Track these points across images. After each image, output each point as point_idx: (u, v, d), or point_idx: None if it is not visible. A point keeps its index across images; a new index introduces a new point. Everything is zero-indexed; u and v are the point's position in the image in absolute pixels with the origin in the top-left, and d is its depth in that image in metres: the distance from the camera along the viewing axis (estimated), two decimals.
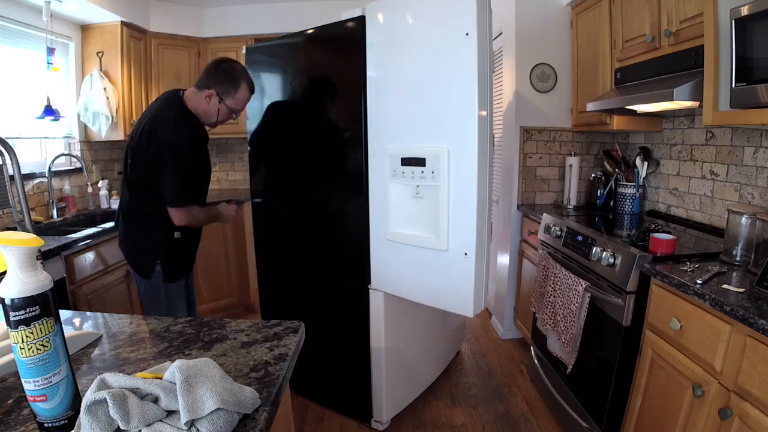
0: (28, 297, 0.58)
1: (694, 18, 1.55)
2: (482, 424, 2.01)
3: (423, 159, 1.54)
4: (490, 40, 1.45)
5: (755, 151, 1.67)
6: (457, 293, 1.56)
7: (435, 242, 1.57)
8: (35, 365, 0.60)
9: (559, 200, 2.74)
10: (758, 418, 1.02)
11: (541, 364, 2.20)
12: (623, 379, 1.55)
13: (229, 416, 0.60)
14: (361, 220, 1.78)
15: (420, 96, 1.54)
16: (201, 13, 3.22)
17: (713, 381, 1.17)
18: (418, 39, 1.51)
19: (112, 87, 2.79)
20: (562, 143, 2.69)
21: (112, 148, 3.16)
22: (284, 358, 0.83)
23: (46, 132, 2.59)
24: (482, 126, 1.44)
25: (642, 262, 1.47)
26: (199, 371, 0.62)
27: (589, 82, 2.33)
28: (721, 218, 1.80)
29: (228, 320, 1.01)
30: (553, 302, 1.90)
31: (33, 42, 2.45)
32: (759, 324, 1.01)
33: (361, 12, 1.64)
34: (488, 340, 2.85)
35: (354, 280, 1.88)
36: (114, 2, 2.65)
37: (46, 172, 2.45)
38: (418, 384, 2.21)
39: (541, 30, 2.55)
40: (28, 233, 0.63)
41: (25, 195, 1.71)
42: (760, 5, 1.19)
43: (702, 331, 1.22)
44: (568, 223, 2.02)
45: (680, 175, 2.11)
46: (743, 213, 1.40)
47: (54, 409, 0.62)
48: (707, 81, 1.43)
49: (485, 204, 1.52)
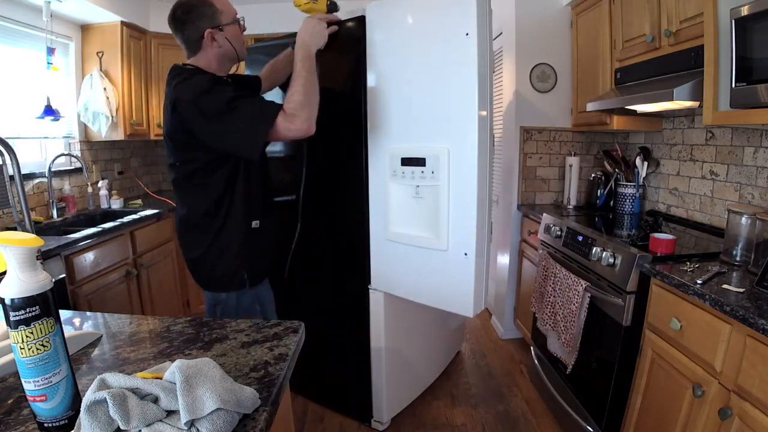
0: (28, 297, 0.58)
1: (694, 18, 1.55)
2: (482, 424, 2.01)
3: (423, 159, 1.54)
4: (490, 40, 1.45)
5: (755, 151, 1.67)
6: (457, 293, 1.56)
7: (435, 242, 1.57)
8: (35, 365, 0.60)
9: (559, 200, 2.74)
10: (758, 418, 1.02)
11: (541, 364, 2.20)
12: (623, 379, 1.55)
13: (229, 416, 0.60)
14: (361, 220, 1.78)
15: (420, 96, 1.53)
16: None
17: (713, 381, 1.17)
18: (418, 39, 1.51)
19: (112, 87, 2.79)
20: (562, 143, 2.69)
21: (112, 148, 3.16)
22: (284, 358, 0.83)
23: (46, 132, 2.59)
24: (482, 126, 1.44)
25: (642, 262, 1.47)
26: (199, 371, 0.62)
27: (589, 82, 2.33)
28: (721, 218, 1.80)
29: (228, 320, 1.01)
30: (553, 302, 1.90)
31: (33, 42, 2.45)
32: (759, 324, 1.01)
33: (361, 12, 1.64)
34: (488, 340, 2.85)
35: (354, 280, 1.88)
36: (114, 2, 2.65)
37: (46, 172, 2.45)
38: (418, 384, 2.21)
39: (541, 30, 2.55)
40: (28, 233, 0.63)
41: (25, 195, 1.71)
42: (760, 5, 1.19)
43: (702, 331, 1.22)
44: (568, 223, 2.02)
45: (680, 175, 2.11)
46: (743, 213, 1.40)
47: (54, 409, 0.62)
48: (707, 81, 1.43)
49: (485, 204, 1.52)
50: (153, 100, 3.09)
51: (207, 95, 1.24)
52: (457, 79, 1.44)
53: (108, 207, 2.86)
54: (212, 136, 1.26)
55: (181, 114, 1.26)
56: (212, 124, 1.24)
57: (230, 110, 1.23)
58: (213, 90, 1.25)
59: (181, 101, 1.25)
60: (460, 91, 1.44)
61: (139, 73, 2.96)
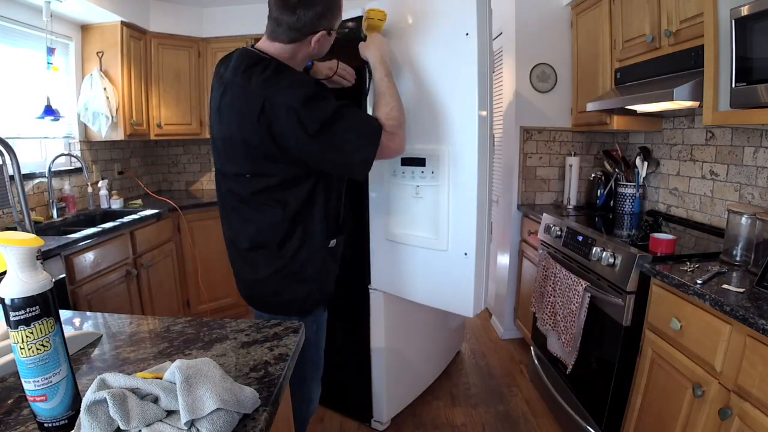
0: (28, 297, 0.58)
1: (694, 18, 1.55)
2: (482, 424, 2.01)
3: (423, 159, 1.54)
4: (490, 40, 1.45)
5: (755, 151, 1.67)
6: (457, 293, 1.56)
7: (435, 242, 1.57)
8: (35, 365, 0.60)
9: (559, 200, 2.74)
10: (758, 418, 1.02)
11: (541, 364, 2.20)
12: (623, 379, 1.55)
13: (229, 416, 0.60)
14: (361, 220, 1.78)
15: (420, 96, 1.53)
16: (201, 13, 3.22)
17: (713, 381, 1.17)
18: (417, 39, 1.51)
19: (112, 87, 2.79)
20: (562, 143, 2.69)
21: (112, 148, 3.16)
22: (284, 358, 0.83)
23: (46, 132, 2.59)
24: (482, 126, 1.44)
25: (642, 262, 1.47)
26: (199, 371, 0.62)
27: (589, 82, 2.33)
28: (721, 218, 1.80)
29: (228, 320, 1.00)
30: (553, 302, 1.90)
31: (33, 42, 2.45)
32: (759, 324, 1.01)
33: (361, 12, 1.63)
34: (488, 340, 2.85)
35: (354, 280, 1.88)
36: (114, 2, 2.65)
37: (46, 172, 2.44)
38: (418, 384, 2.21)
39: (541, 30, 2.55)
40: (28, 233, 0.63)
41: (25, 195, 1.71)
42: (760, 5, 1.19)
43: (702, 331, 1.22)
44: (568, 223, 2.02)
45: (680, 175, 2.11)
46: (743, 213, 1.41)
47: (54, 409, 0.62)
48: (707, 81, 1.43)
49: (485, 204, 1.52)
50: (153, 100, 3.09)
51: (314, 102, 1.05)
52: (457, 79, 1.44)
53: (108, 207, 2.86)
54: (315, 152, 1.09)
55: (277, 119, 1.04)
56: (317, 138, 1.06)
57: (336, 123, 1.07)
58: (320, 96, 1.07)
59: (279, 105, 1.04)
60: (460, 91, 1.44)
61: (139, 73, 2.96)
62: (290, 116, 1.04)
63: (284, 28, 1.11)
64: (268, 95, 1.05)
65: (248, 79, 1.08)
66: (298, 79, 1.11)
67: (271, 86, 1.05)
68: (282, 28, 1.11)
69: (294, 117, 1.04)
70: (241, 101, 1.08)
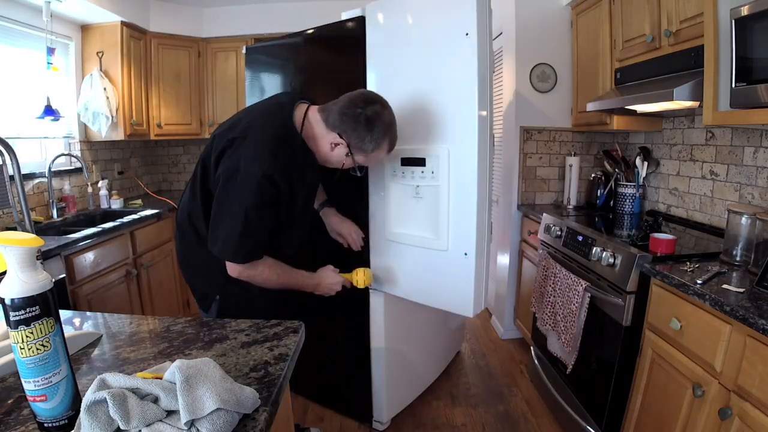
0: (28, 297, 0.58)
1: (694, 18, 1.55)
2: (482, 424, 2.01)
3: (423, 159, 1.54)
4: (490, 40, 1.45)
5: (755, 151, 1.67)
6: (457, 293, 1.56)
7: (435, 242, 1.57)
8: (35, 365, 0.60)
9: (559, 200, 2.74)
10: (758, 418, 1.02)
11: (541, 364, 2.20)
12: (623, 379, 1.55)
13: (229, 416, 0.60)
14: (361, 220, 1.78)
15: (420, 96, 1.53)
16: (201, 13, 3.22)
17: (713, 381, 1.17)
18: (418, 39, 1.51)
19: (112, 87, 2.79)
20: (562, 143, 2.69)
21: (112, 148, 3.16)
22: (284, 358, 0.83)
23: (46, 132, 2.59)
24: (482, 126, 1.44)
25: (642, 262, 1.47)
26: (199, 371, 0.62)
27: (589, 82, 2.33)
28: (721, 218, 1.80)
29: (228, 320, 1.01)
30: (553, 302, 1.90)
31: (33, 42, 2.45)
32: (759, 324, 1.01)
33: (361, 12, 1.63)
34: (488, 340, 2.85)
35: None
36: (114, 2, 2.65)
37: (46, 172, 2.45)
38: (418, 384, 2.21)
39: (541, 30, 2.55)
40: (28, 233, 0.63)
41: (25, 195, 1.71)
42: (760, 5, 1.19)
43: (702, 331, 1.22)
44: (568, 223, 2.02)
45: (680, 175, 2.11)
46: (743, 213, 1.41)
47: (54, 409, 0.62)
48: (707, 81, 1.43)
49: (485, 204, 1.52)
50: (153, 100, 3.09)
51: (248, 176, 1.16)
52: (457, 79, 1.44)
53: (108, 207, 2.86)
54: (215, 203, 1.22)
55: (227, 155, 1.20)
56: (219, 195, 1.20)
57: (238, 209, 1.17)
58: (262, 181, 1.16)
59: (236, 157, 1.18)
60: (460, 91, 1.44)
61: (139, 73, 2.96)
62: (230, 166, 1.18)
63: (333, 108, 1.28)
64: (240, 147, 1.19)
65: (252, 115, 1.31)
66: (271, 148, 1.19)
67: (249, 140, 1.20)
68: (332, 107, 1.29)
69: (229, 169, 1.18)
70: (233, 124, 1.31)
